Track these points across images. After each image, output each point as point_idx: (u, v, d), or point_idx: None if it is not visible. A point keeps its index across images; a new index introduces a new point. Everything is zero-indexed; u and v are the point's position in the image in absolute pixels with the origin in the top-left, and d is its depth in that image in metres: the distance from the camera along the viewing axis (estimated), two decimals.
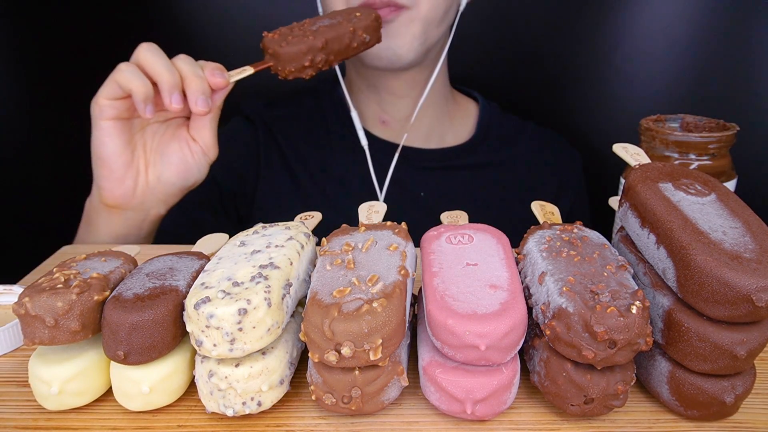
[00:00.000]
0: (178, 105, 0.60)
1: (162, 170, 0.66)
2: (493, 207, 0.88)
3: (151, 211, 0.68)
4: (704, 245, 0.37)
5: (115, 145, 0.62)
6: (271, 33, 0.67)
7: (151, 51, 0.60)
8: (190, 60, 0.63)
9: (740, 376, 0.39)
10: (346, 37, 0.68)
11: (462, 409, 0.38)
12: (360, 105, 0.90)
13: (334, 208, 0.53)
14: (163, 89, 0.60)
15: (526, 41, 1.09)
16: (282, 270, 0.40)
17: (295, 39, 0.65)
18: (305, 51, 0.65)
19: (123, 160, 0.63)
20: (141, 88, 0.59)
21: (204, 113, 0.62)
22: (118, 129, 0.62)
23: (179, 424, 0.40)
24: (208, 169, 0.68)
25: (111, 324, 0.38)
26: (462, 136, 0.93)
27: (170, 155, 0.66)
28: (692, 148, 0.62)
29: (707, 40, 1.00)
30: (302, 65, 0.66)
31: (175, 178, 0.66)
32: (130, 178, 0.64)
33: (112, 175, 0.63)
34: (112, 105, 0.61)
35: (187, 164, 0.66)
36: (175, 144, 0.66)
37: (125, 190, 0.64)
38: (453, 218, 0.51)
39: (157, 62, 0.60)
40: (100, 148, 0.63)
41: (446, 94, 0.92)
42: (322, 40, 0.66)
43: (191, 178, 0.67)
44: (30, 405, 0.42)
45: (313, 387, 0.39)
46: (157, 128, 0.66)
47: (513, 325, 0.36)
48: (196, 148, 0.66)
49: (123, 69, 0.60)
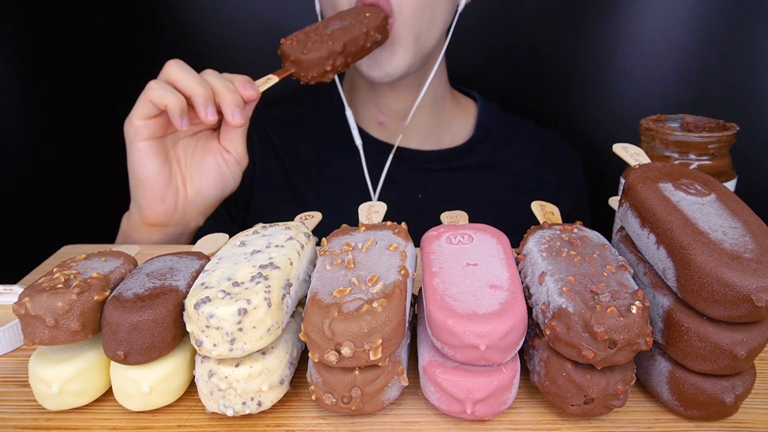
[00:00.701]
0: (213, 117, 0.61)
1: (201, 184, 0.66)
2: (492, 208, 0.88)
3: (191, 225, 0.68)
4: (704, 245, 0.37)
5: (153, 165, 0.63)
6: (287, 40, 0.68)
7: (180, 67, 0.61)
8: (218, 74, 0.63)
9: (740, 376, 0.39)
10: (361, 38, 0.69)
11: (462, 409, 0.38)
12: (358, 106, 0.90)
13: (329, 208, 0.53)
14: (198, 102, 0.60)
15: (526, 41, 1.09)
16: (282, 270, 0.40)
17: (315, 45, 0.66)
18: (326, 56, 0.66)
19: (163, 179, 0.64)
20: (176, 102, 0.59)
21: (241, 125, 0.63)
22: (154, 148, 0.63)
23: (179, 424, 0.40)
24: (241, 177, 0.69)
25: (111, 324, 0.38)
26: (461, 136, 0.93)
27: (207, 168, 0.66)
28: (692, 148, 0.62)
29: (707, 40, 1.00)
30: (324, 70, 0.67)
31: (214, 190, 0.67)
32: (170, 196, 0.65)
33: (153, 195, 0.64)
34: (147, 125, 0.62)
35: (224, 175, 0.67)
36: (210, 157, 0.67)
37: (167, 208, 0.65)
38: (453, 218, 0.51)
39: (188, 77, 0.60)
40: (140, 170, 0.63)
41: (444, 95, 0.91)
42: (340, 44, 0.67)
43: (228, 188, 0.68)
44: (30, 405, 0.42)
45: (313, 387, 0.39)
46: (187, 143, 0.67)
47: (513, 325, 0.36)
48: (229, 158, 0.67)
49: (154, 87, 0.60)
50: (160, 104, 0.60)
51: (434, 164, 0.90)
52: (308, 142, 0.90)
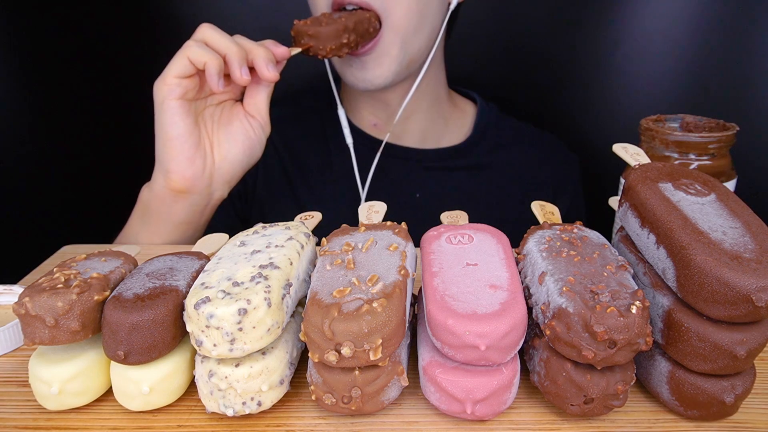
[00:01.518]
0: (247, 77, 0.62)
1: (228, 148, 0.67)
2: (489, 208, 0.88)
3: (215, 194, 0.68)
4: (704, 245, 0.37)
5: (185, 124, 0.63)
6: (300, 21, 0.72)
7: (214, 29, 0.63)
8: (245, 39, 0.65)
9: (740, 376, 0.39)
10: (365, 22, 0.74)
11: (462, 409, 0.38)
12: (355, 106, 0.90)
13: (327, 208, 0.53)
14: (233, 62, 0.61)
15: (526, 41, 1.09)
16: (282, 270, 0.40)
17: (329, 20, 0.72)
18: (342, 30, 0.71)
19: (193, 140, 0.64)
20: (214, 61, 0.60)
21: (275, 78, 0.64)
22: (186, 108, 0.63)
23: (179, 424, 0.40)
24: (265, 144, 0.70)
25: (111, 324, 0.39)
26: (459, 137, 0.93)
27: (234, 133, 0.67)
28: (692, 148, 0.62)
29: (707, 40, 1.00)
30: (341, 42, 0.71)
31: (241, 155, 0.68)
32: (199, 158, 0.65)
33: (182, 156, 0.64)
34: (181, 83, 0.62)
35: (251, 140, 0.68)
36: (237, 122, 0.68)
37: (195, 171, 0.64)
38: (453, 218, 0.51)
39: (223, 38, 0.62)
40: (170, 129, 0.63)
41: (442, 97, 0.91)
42: (352, 21, 0.72)
43: (255, 153, 0.69)
44: (30, 405, 0.42)
45: (313, 387, 0.39)
46: (213, 111, 0.68)
47: (513, 325, 0.36)
48: (255, 123, 0.68)
49: (192, 45, 0.61)
50: (198, 62, 0.61)
51: (431, 163, 0.90)
52: (307, 142, 0.90)
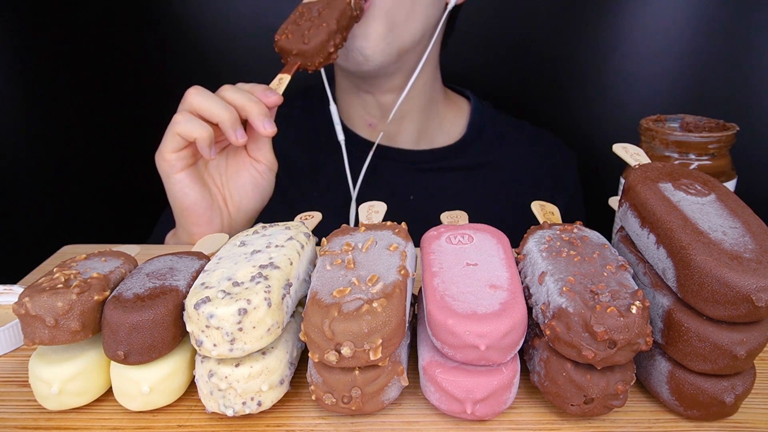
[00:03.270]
0: (243, 139, 0.62)
1: (240, 199, 0.67)
2: (486, 208, 0.87)
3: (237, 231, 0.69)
4: (704, 245, 0.37)
5: (195, 192, 0.64)
6: (281, 34, 0.68)
7: (202, 94, 0.61)
8: (236, 88, 0.63)
9: (740, 376, 0.39)
10: (348, 9, 0.69)
11: (462, 409, 0.38)
12: (347, 107, 0.89)
13: (319, 210, 0.53)
14: (227, 128, 0.61)
15: (525, 40, 1.09)
16: (282, 270, 0.40)
17: (312, 31, 0.66)
18: (327, 39, 0.66)
19: (206, 203, 0.65)
20: (204, 134, 0.60)
21: (273, 133, 0.63)
22: (192, 176, 0.64)
23: (179, 424, 0.40)
24: (274, 182, 0.70)
25: (111, 324, 0.39)
26: (453, 136, 0.92)
27: (243, 184, 0.67)
28: (692, 148, 0.62)
29: (707, 40, 1.00)
30: (328, 53, 0.67)
31: (253, 202, 0.68)
32: (216, 217, 0.66)
33: (200, 220, 0.65)
34: (179, 156, 0.62)
35: (260, 186, 0.68)
36: (244, 171, 0.67)
37: (214, 228, 0.66)
38: (453, 218, 0.51)
39: (212, 104, 0.61)
40: (183, 200, 0.64)
41: (437, 96, 0.90)
42: (334, 22, 0.67)
43: (266, 196, 0.69)
44: (30, 405, 0.42)
45: (313, 387, 0.39)
46: (218, 161, 0.68)
47: (513, 325, 0.36)
48: (261, 167, 0.68)
49: (180, 120, 0.61)
50: (189, 137, 0.61)
51: (426, 164, 0.89)
52: (298, 143, 0.90)
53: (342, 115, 0.88)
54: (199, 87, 0.62)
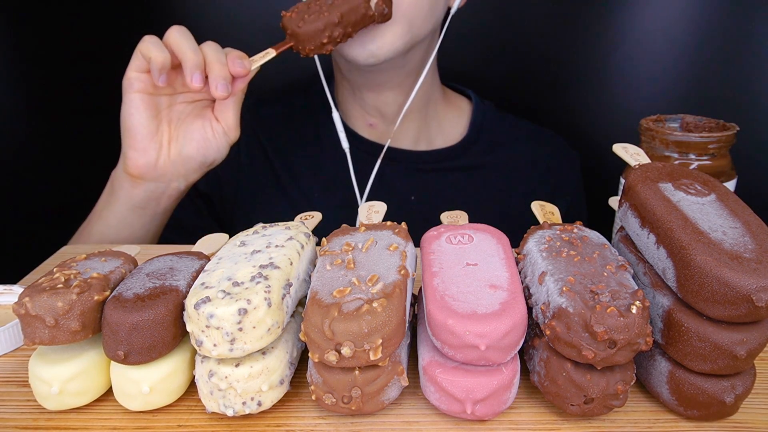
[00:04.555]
0: (198, 84, 0.63)
1: (183, 144, 0.69)
2: (487, 209, 0.87)
3: (172, 184, 0.70)
4: (704, 245, 0.37)
5: (141, 116, 0.66)
6: (288, 12, 0.69)
7: (180, 32, 0.64)
8: (216, 46, 0.66)
9: (740, 376, 0.39)
10: (362, 7, 0.68)
11: (462, 409, 0.38)
12: (347, 107, 0.89)
13: (319, 211, 0.53)
14: (186, 67, 0.63)
15: (525, 40, 1.09)
16: (282, 270, 0.40)
17: (312, 17, 0.67)
18: (322, 28, 0.66)
19: (147, 131, 0.67)
20: (158, 57, 0.62)
21: (223, 98, 0.65)
22: (145, 102, 0.66)
23: (179, 424, 0.40)
24: (227, 149, 0.71)
25: (111, 324, 0.39)
26: (453, 136, 0.91)
27: (192, 132, 0.69)
28: (692, 148, 0.62)
29: (707, 40, 1.00)
30: (321, 42, 0.67)
31: (194, 152, 0.69)
32: (153, 150, 0.67)
33: (136, 145, 0.67)
34: (139, 78, 0.65)
35: (208, 141, 0.69)
36: (199, 122, 0.69)
37: (148, 160, 0.67)
38: (453, 218, 0.51)
39: (183, 42, 0.63)
40: (128, 119, 0.66)
41: (435, 96, 0.90)
42: (337, 15, 0.66)
43: (210, 155, 0.70)
44: (30, 405, 0.42)
45: (313, 387, 0.39)
46: (183, 108, 0.70)
47: (513, 325, 0.36)
48: (217, 127, 0.69)
49: (146, 40, 0.64)
50: (146, 56, 0.63)
51: (427, 165, 0.89)
52: (298, 142, 0.89)
53: (343, 115, 0.88)
54: (182, 27, 0.65)
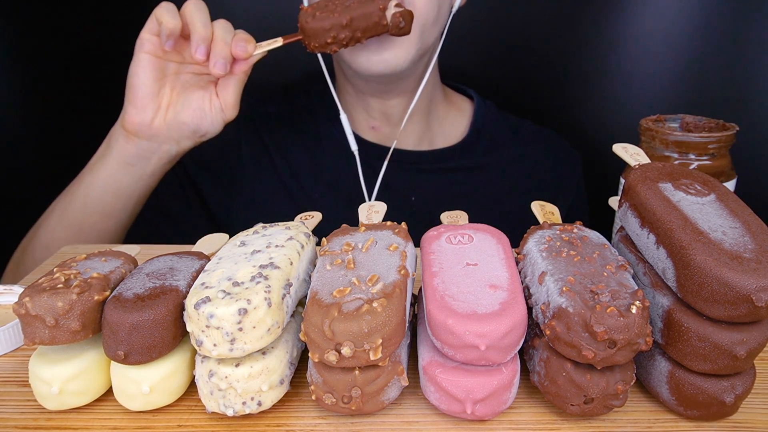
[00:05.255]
0: (200, 56, 0.66)
1: (179, 110, 0.70)
2: (487, 209, 0.87)
3: (163, 146, 0.72)
4: (704, 245, 0.37)
5: (145, 76, 0.68)
6: (308, 6, 0.69)
7: (197, 6, 0.67)
8: (227, 26, 0.68)
9: (740, 376, 0.39)
10: (375, 14, 0.67)
11: (462, 409, 0.38)
12: (350, 110, 0.88)
13: (320, 210, 0.53)
14: (193, 39, 0.66)
15: (525, 40, 1.09)
16: (282, 270, 0.40)
17: (323, 14, 0.67)
18: (327, 28, 0.66)
19: (149, 91, 0.69)
20: (169, 23, 0.65)
21: (219, 75, 0.67)
22: (151, 63, 0.68)
23: (179, 424, 0.40)
24: (222, 125, 0.73)
25: (111, 324, 0.39)
26: (455, 136, 0.91)
27: (192, 100, 0.71)
28: (692, 148, 0.62)
29: (707, 40, 1.00)
30: (325, 41, 0.67)
31: (189, 119, 0.71)
32: (150, 109, 0.69)
33: (136, 102, 0.69)
34: (150, 40, 0.68)
35: (204, 112, 0.71)
36: (199, 93, 0.71)
37: (143, 118, 0.69)
38: (453, 218, 0.51)
39: (196, 15, 0.66)
40: (133, 77, 0.69)
41: (437, 97, 0.90)
42: (347, 18, 0.66)
43: (204, 126, 0.72)
44: (30, 405, 0.42)
45: (313, 387, 0.39)
46: (189, 78, 0.71)
47: (513, 325, 0.36)
48: (216, 102, 0.71)
49: (163, 5, 0.67)
50: (159, 19, 0.66)
51: (428, 165, 0.89)
52: (301, 142, 0.89)
53: None
54: (201, 2, 0.68)
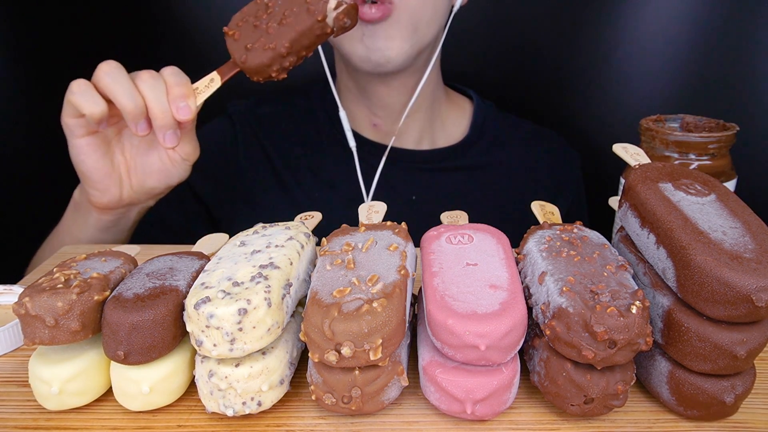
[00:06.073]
0: (144, 132, 0.60)
1: (144, 178, 0.66)
2: (488, 208, 0.87)
3: (138, 205, 0.69)
4: (704, 245, 0.37)
5: (92, 160, 0.63)
6: (231, 30, 0.61)
7: (110, 74, 0.58)
8: (153, 81, 0.59)
9: (740, 376, 0.39)
10: (315, 28, 0.59)
11: (462, 409, 0.38)
12: (350, 107, 0.88)
13: (321, 210, 0.53)
14: (128, 119, 0.59)
15: (525, 40, 1.09)
16: (282, 270, 0.40)
17: (257, 46, 0.59)
18: (268, 63, 0.59)
19: (103, 173, 0.64)
20: (95, 111, 0.58)
21: (172, 147, 0.62)
22: (91, 145, 0.63)
23: (179, 424, 0.40)
24: (190, 170, 0.68)
25: (111, 324, 0.39)
26: (455, 136, 0.92)
27: (151, 165, 0.66)
28: (692, 148, 0.62)
29: (707, 40, 1.00)
30: (269, 74, 0.60)
31: (157, 183, 0.67)
32: (114, 186, 0.65)
33: (96, 185, 0.64)
34: (79, 123, 0.61)
35: (168, 171, 0.66)
36: (154, 153, 0.65)
37: (111, 197, 0.65)
38: (453, 218, 0.51)
39: (117, 87, 0.58)
40: (80, 165, 0.64)
41: (439, 95, 0.90)
42: (284, 46, 0.58)
43: (173, 181, 0.67)
44: (30, 405, 0.42)
45: (313, 387, 0.39)
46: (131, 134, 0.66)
47: (513, 325, 0.36)
48: (175, 156, 0.65)
49: (75, 91, 0.58)
50: (80, 109, 0.58)
51: (428, 164, 0.89)
52: (300, 142, 0.89)
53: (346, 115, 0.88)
54: (112, 63, 0.59)
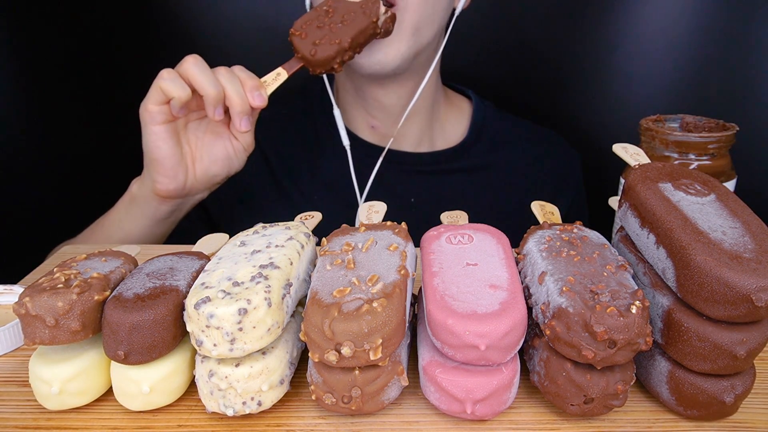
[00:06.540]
0: (220, 117, 0.66)
1: (209, 165, 0.71)
2: (488, 210, 0.87)
3: (197, 196, 0.73)
4: (704, 245, 0.37)
5: (167, 146, 0.67)
6: (297, 31, 0.69)
7: (196, 64, 0.65)
8: (231, 75, 0.66)
9: (740, 376, 0.39)
10: (370, 27, 0.69)
11: (462, 409, 0.38)
12: (349, 109, 0.88)
13: (318, 211, 0.53)
14: (208, 103, 0.65)
15: (525, 40, 1.09)
16: (282, 270, 0.40)
17: (324, 42, 0.67)
18: (333, 56, 0.67)
19: (175, 160, 0.68)
20: (182, 96, 0.64)
21: (247, 131, 0.68)
22: (168, 132, 0.67)
23: (179, 424, 0.40)
24: (246, 160, 0.73)
25: (111, 324, 0.39)
26: (455, 137, 0.91)
27: (215, 153, 0.71)
28: (692, 148, 0.62)
29: (707, 40, 1.00)
30: (332, 66, 0.68)
31: (220, 170, 0.72)
32: (181, 174, 0.69)
33: (166, 173, 0.68)
34: (161, 110, 0.66)
35: (231, 159, 0.72)
36: (220, 142, 0.71)
37: (177, 185, 0.69)
38: (453, 218, 0.51)
39: (201, 76, 0.64)
40: (154, 152, 0.67)
41: (438, 96, 0.90)
42: (348, 40, 0.67)
43: (233, 169, 0.73)
44: (30, 405, 0.42)
45: (313, 387, 0.39)
46: (197, 124, 0.71)
47: (513, 325, 0.36)
48: (237, 145, 0.72)
49: (166, 77, 0.64)
50: (168, 94, 0.64)
51: (427, 167, 0.89)
52: (298, 144, 0.89)
53: (344, 117, 0.88)
54: (198, 57, 0.66)
